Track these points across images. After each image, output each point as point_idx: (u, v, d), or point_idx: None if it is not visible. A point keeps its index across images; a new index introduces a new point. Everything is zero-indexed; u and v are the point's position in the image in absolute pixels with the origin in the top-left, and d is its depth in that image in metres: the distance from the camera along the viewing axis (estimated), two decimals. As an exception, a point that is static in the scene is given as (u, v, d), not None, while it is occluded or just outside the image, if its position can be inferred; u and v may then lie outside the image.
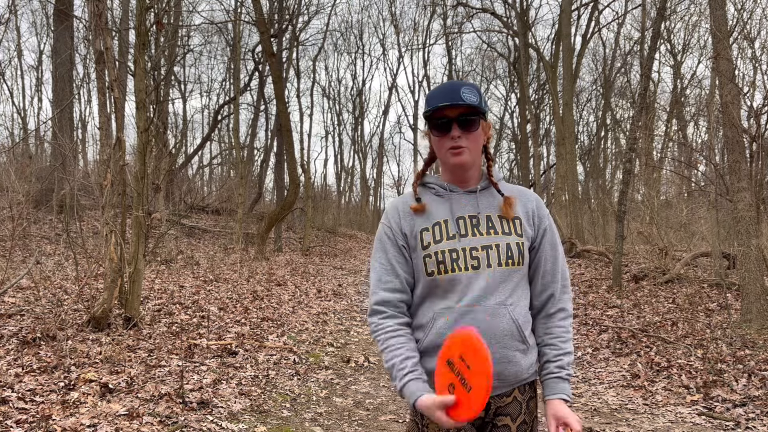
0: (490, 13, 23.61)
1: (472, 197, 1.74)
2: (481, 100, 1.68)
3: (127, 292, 5.99)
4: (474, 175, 1.76)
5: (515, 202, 1.74)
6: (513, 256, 1.69)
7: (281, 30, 18.66)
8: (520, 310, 1.70)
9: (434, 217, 1.72)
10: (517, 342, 1.68)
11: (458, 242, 1.68)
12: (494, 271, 1.68)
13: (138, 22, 6.71)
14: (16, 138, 21.18)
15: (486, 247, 1.68)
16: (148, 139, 6.72)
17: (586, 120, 30.97)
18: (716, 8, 7.42)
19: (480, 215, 1.72)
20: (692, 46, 23.75)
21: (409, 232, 1.74)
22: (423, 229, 1.72)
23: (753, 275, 6.69)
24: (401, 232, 1.74)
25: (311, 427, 4.15)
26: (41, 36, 30.06)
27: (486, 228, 1.70)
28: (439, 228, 1.71)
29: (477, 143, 1.71)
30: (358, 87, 36.61)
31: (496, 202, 1.74)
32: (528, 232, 1.74)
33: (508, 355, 1.68)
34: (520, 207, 1.76)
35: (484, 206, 1.73)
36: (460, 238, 1.69)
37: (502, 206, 1.73)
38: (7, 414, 3.58)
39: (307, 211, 18.98)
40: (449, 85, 1.70)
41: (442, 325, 1.68)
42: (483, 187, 1.76)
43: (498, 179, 1.78)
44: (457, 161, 1.69)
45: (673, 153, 23.72)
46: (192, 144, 29.07)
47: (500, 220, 1.72)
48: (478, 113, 1.67)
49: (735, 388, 4.83)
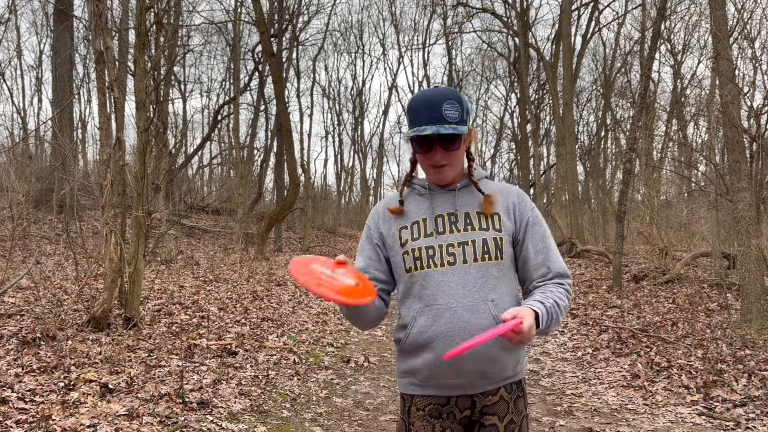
0: (490, 13, 23.62)
1: (451, 195, 1.77)
2: (462, 111, 1.69)
3: (127, 292, 5.99)
4: (456, 176, 1.78)
5: (495, 198, 1.75)
6: (489, 251, 1.69)
7: (281, 30, 18.66)
8: (504, 305, 1.68)
9: (414, 216, 1.77)
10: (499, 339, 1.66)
11: (435, 239, 1.72)
12: (470, 267, 1.69)
13: (138, 22, 6.70)
14: (16, 138, 21.18)
15: (462, 243, 1.70)
16: (148, 139, 6.73)
17: (586, 120, 30.98)
18: (716, 8, 7.41)
19: (458, 212, 1.74)
20: (692, 46, 23.75)
21: (386, 231, 1.80)
22: (402, 227, 1.77)
23: (753, 275, 6.69)
24: (378, 231, 1.82)
25: (311, 427, 4.15)
26: (41, 36, 30.07)
27: (464, 224, 1.72)
28: (417, 226, 1.75)
29: (459, 158, 1.75)
30: (358, 87, 36.58)
31: (475, 199, 1.76)
32: (508, 226, 1.74)
33: (491, 352, 1.67)
34: (501, 202, 1.76)
35: (463, 203, 1.76)
36: (437, 235, 1.72)
37: (482, 203, 1.75)
38: (7, 414, 3.58)
39: (307, 211, 18.98)
40: (431, 98, 1.68)
41: (422, 323, 1.71)
42: (463, 185, 1.78)
43: (479, 177, 1.80)
44: (437, 179, 1.76)
45: (673, 153, 23.71)
46: (192, 144, 29.07)
47: (478, 217, 1.73)
48: (461, 133, 1.67)
49: (735, 388, 4.83)
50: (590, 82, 29.49)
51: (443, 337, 1.68)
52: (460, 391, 1.73)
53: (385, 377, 5.59)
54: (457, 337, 1.65)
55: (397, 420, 1.86)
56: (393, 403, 4.80)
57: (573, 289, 10.63)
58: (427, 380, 1.74)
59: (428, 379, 1.73)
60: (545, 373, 5.91)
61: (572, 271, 12.82)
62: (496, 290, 1.70)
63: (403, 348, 1.76)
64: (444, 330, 1.68)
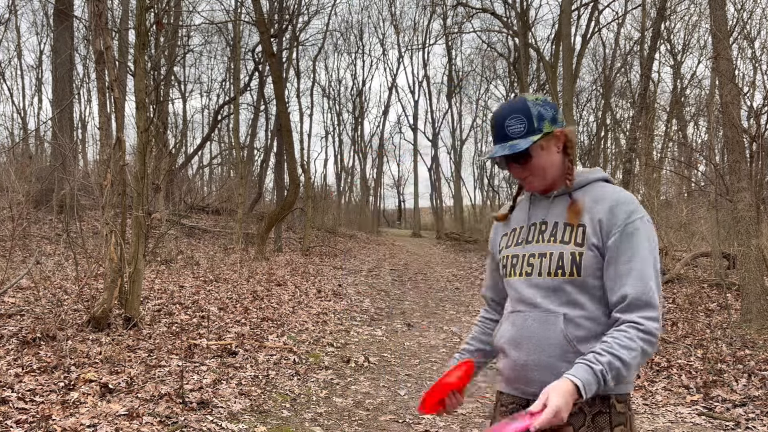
0: (490, 13, 23.62)
1: (547, 202, 1.73)
2: (530, 121, 1.63)
3: (127, 292, 5.99)
4: (551, 182, 1.71)
5: (580, 207, 1.65)
6: (563, 267, 1.62)
7: (281, 30, 18.65)
8: (579, 321, 1.60)
9: (514, 224, 1.81)
10: (567, 353, 1.59)
11: (522, 248, 1.73)
12: (544, 280, 1.65)
13: (138, 22, 6.71)
14: (16, 138, 21.19)
15: (542, 255, 1.67)
16: (148, 139, 6.73)
17: (586, 120, 30.98)
18: (716, 8, 7.42)
19: (548, 221, 1.70)
20: (692, 46, 23.76)
21: (493, 239, 1.91)
22: (504, 234, 1.84)
23: (753, 275, 6.69)
24: (492, 239, 1.92)
25: (311, 427, 4.15)
26: (41, 36, 30.03)
27: (549, 235, 1.68)
28: (513, 233, 1.79)
29: (542, 166, 1.67)
30: (358, 87, 36.61)
31: (566, 208, 1.69)
32: (592, 241, 1.60)
33: (555, 365, 1.61)
34: (589, 213, 1.64)
35: (555, 212, 1.70)
36: (525, 244, 1.73)
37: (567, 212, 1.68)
38: (7, 414, 3.58)
39: (307, 211, 18.97)
40: (496, 116, 1.68)
41: (503, 328, 1.77)
42: (559, 192, 1.71)
43: (580, 182, 1.70)
44: (528, 189, 1.74)
45: (673, 153, 23.72)
46: (192, 144, 29.07)
47: (564, 228, 1.66)
48: (523, 147, 1.61)
49: (735, 388, 4.83)
50: (590, 82, 29.52)
51: (512, 343, 1.70)
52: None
53: (385, 377, 5.59)
54: (524, 347, 1.66)
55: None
56: (393, 403, 4.80)
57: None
58: (508, 381, 1.77)
59: (508, 380, 1.77)
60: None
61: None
62: (569, 306, 1.62)
63: (494, 347, 1.85)
64: (514, 337, 1.70)
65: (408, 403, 4.84)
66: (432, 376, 5.71)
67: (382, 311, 9.46)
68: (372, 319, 8.75)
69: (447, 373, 1.72)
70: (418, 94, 49.00)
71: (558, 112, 1.68)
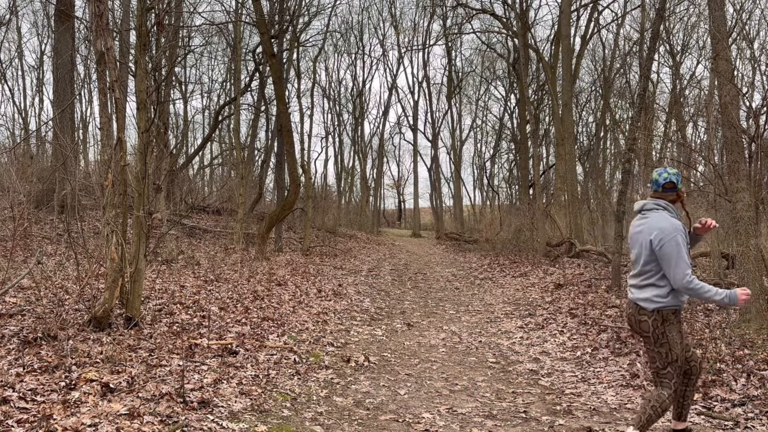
0: (489, 14, 23.64)
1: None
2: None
3: (128, 292, 6.01)
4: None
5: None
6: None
7: (282, 31, 18.66)
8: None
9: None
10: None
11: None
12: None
13: (139, 23, 6.73)
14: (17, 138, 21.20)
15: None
16: (149, 140, 6.75)
17: (585, 120, 31.02)
18: (715, 9, 7.43)
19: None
20: (691, 46, 23.74)
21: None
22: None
23: (752, 275, 6.70)
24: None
25: (311, 426, 4.17)
26: (42, 36, 30.04)
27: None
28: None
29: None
30: (358, 88, 36.64)
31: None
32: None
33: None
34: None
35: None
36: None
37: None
38: (9, 413, 3.60)
39: (308, 212, 18.99)
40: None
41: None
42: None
43: (660, 208, 3.73)
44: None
45: (672, 153, 23.71)
46: (193, 144, 29.12)
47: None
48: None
49: (734, 387, 4.85)
50: (589, 82, 29.56)
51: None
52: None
53: (385, 377, 5.61)
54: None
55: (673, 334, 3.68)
56: (393, 403, 4.82)
57: (573, 289, 10.65)
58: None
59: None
60: (545, 372, 5.94)
61: (571, 271, 12.85)
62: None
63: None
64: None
65: (408, 402, 4.86)
66: (432, 376, 5.73)
67: (382, 311, 9.49)
68: (372, 318, 8.77)
69: None
70: (417, 94, 49.15)
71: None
